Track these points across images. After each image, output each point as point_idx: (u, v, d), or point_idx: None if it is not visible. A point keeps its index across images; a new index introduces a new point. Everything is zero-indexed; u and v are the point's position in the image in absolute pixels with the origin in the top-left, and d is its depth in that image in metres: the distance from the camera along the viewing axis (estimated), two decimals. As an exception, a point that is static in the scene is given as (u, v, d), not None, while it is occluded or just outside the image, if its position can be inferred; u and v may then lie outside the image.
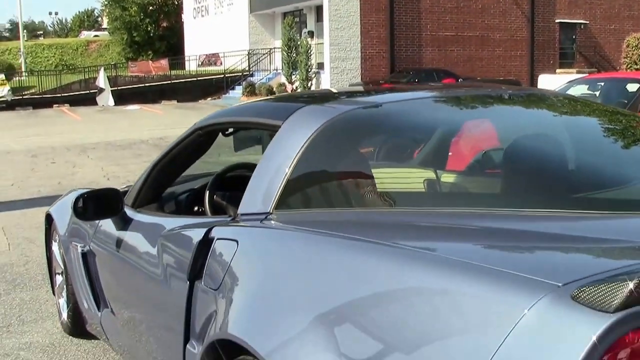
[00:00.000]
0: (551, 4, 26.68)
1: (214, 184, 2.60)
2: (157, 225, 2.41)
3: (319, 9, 24.71)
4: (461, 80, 17.54)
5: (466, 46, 25.08)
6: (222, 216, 2.25)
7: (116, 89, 26.55)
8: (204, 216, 2.55)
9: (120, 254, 2.61)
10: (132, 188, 2.86)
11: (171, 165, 2.70)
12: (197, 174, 3.15)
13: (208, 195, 2.55)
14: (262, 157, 2.05)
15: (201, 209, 2.69)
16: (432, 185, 2.21)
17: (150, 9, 36.61)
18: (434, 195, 2.13)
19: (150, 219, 2.54)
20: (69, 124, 19.46)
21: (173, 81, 28.00)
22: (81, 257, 3.06)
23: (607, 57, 27.65)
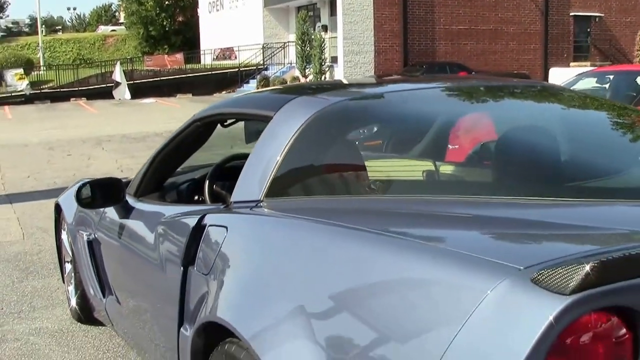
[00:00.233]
0: (565, -4, 26.51)
1: (213, 173, 2.66)
2: (156, 213, 2.49)
3: (332, 3, 24.71)
4: (473, 74, 17.46)
5: (479, 39, 24.95)
6: (217, 204, 2.33)
7: (132, 82, 26.75)
8: (202, 204, 2.63)
9: (121, 241, 2.70)
10: (134, 178, 2.95)
11: (171, 155, 2.78)
12: (200, 164, 3.22)
13: (208, 184, 2.62)
14: (254, 147, 2.11)
15: (201, 198, 2.76)
16: (417, 174, 2.27)
17: (166, 3, 36.84)
18: (417, 183, 2.18)
19: (150, 207, 2.62)
20: (85, 117, 19.67)
21: (188, 75, 28.18)
22: (87, 245, 3.16)
23: (623, 50, 27.35)
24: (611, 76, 8.57)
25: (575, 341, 1.12)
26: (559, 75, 15.15)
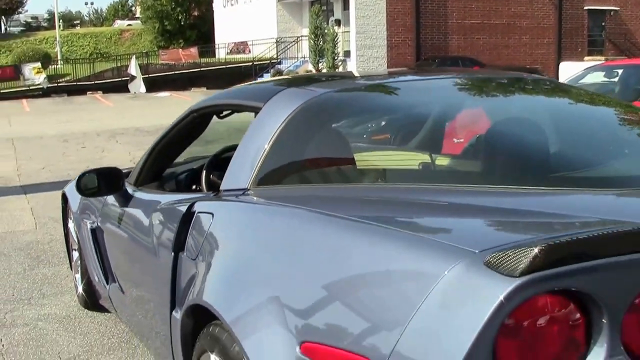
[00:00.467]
0: (580, -10, 26.27)
1: (210, 163, 2.74)
2: (153, 201, 2.58)
3: (345, -3, 24.74)
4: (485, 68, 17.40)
5: (492, 34, 24.83)
6: (209, 193, 2.41)
7: (147, 76, 26.94)
8: (198, 193, 2.71)
9: (121, 228, 2.80)
10: (134, 168, 3.05)
11: (169, 146, 2.87)
12: (201, 155, 3.31)
13: (205, 174, 2.69)
14: (243, 137, 2.18)
15: (199, 188, 2.85)
16: (396, 163, 2.35)
17: (182, -2, 36.94)
18: (394, 172, 2.26)
19: (148, 195, 2.72)
20: (101, 110, 19.87)
21: (202, 69, 28.30)
22: (90, 233, 3.26)
23: (638, 44, 27.07)
24: (620, 70, 8.52)
25: (527, 322, 1.17)
26: (569, 70, 15.06)
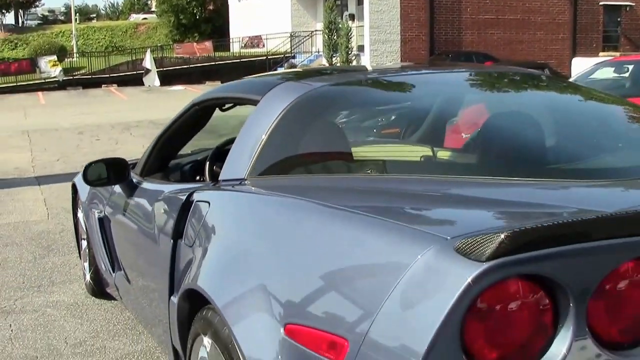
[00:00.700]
0: (595, -15, 26.01)
1: (213, 155, 2.80)
2: (157, 191, 2.64)
3: (360, -8, 24.70)
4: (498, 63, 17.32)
5: (506, 29, 24.70)
6: (209, 182, 2.46)
7: (162, 70, 27.12)
8: (201, 183, 2.77)
9: (126, 217, 2.87)
10: (140, 158, 3.12)
11: (173, 137, 2.94)
12: (209, 147, 3.36)
13: (208, 165, 2.75)
14: (241, 129, 2.24)
15: (202, 178, 2.91)
16: (386, 155, 2.40)
17: (197, -9, 37.03)
18: (384, 163, 2.31)
19: (152, 185, 2.78)
20: (115, 103, 20.05)
21: (217, 62, 28.44)
22: (98, 222, 3.34)
23: (655, 40, 26.84)
24: (630, 66, 8.48)
25: (494, 306, 1.22)
26: (581, 65, 14.99)
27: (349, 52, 23.15)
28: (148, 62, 26.43)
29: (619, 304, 1.29)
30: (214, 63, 28.41)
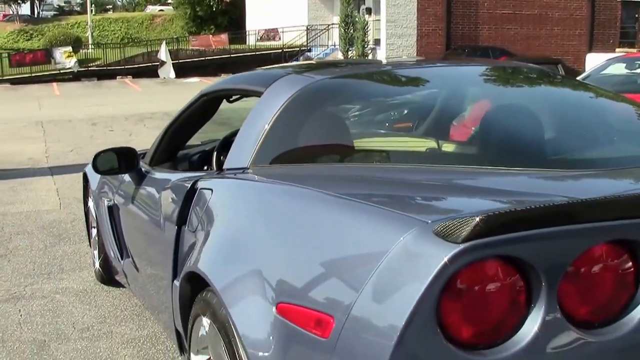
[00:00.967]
0: (614, -19, 25.73)
1: (221, 145, 2.84)
2: (165, 179, 2.68)
3: (377, -14, 24.62)
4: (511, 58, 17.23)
5: (523, 24, 24.53)
6: (214, 171, 2.50)
7: (177, 62, 27.22)
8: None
9: (134, 205, 2.90)
10: (150, 148, 3.15)
11: (182, 127, 2.99)
12: (216, 139, 3.40)
13: (215, 155, 2.80)
14: (245, 120, 2.30)
15: (210, 168, 2.95)
16: (384, 146, 2.45)
17: (214, -16, 37.08)
18: (380, 154, 2.38)
19: (161, 174, 2.82)
20: (130, 94, 20.18)
21: (232, 55, 28.48)
22: (107, 210, 3.38)
23: (672, 37, 26.48)
24: (642, 62, 8.40)
25: (470, 286, 1.29)
26: (595, 61, 14.86)
27: (365, 46, 23.12)
28: (163, 54, 26.55)
29: (589, 285, 1.36)
30: (229, 55, 28.45)
